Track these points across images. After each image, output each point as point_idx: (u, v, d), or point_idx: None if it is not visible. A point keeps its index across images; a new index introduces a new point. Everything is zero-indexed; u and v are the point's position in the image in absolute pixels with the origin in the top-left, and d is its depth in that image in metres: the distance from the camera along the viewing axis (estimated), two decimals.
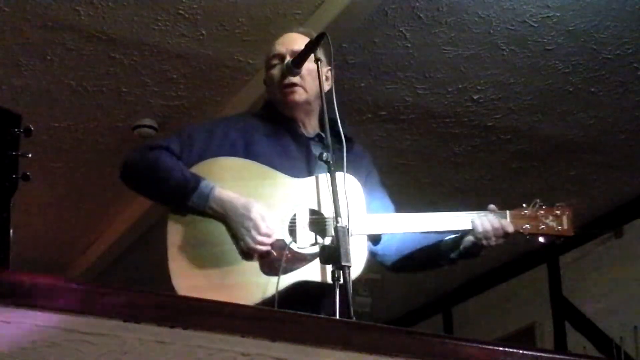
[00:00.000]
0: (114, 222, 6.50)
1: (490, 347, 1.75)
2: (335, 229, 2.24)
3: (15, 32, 4.40)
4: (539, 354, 1.80)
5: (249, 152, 2.53)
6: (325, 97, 2.46)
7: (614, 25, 4.46)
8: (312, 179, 2.50)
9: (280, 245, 2.40)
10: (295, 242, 2.41)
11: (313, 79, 2.57)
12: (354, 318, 2.08)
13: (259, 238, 2.38)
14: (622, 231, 6.20)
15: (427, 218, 2.55)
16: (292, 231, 2.43)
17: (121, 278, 6.96)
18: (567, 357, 2.26)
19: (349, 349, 1.59)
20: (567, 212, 2.63)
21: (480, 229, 2.54)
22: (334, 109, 2.42)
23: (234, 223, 2.40)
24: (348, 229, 2.24)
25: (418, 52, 4.62)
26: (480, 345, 1.75)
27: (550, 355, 1.83)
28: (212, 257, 2.40)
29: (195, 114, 5.15)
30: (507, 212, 2.59)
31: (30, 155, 2.03)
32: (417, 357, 1.64)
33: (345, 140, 2.40)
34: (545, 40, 4.55)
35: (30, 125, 2.05)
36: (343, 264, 2.17)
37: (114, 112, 5.17)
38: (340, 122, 2.39)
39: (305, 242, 2.42)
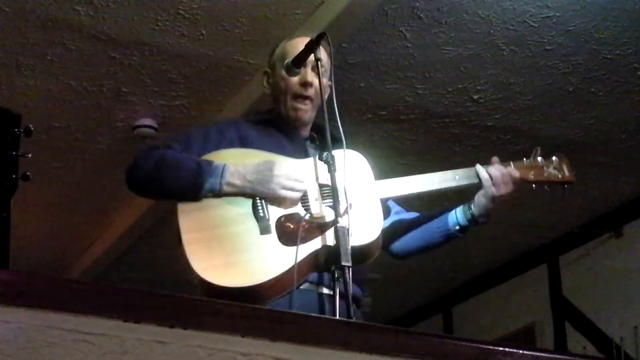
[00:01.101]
0: (114, 222, 6.49)
1: (490, 347, 1.75)
2: (335, 229, 2.25)
3: (15, 32, 4.40)
4: (539, 354, 1.80)
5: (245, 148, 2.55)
6: (324, 103, 2.48)
7: (614, 25, 4.46)
8: (314, 159, 2.53)
9: (296, 218, 2.41)
10: (311, 214, 2.43)
11: (318, 94, 2.59)
12: (354, 318, 2.08)
13: (293, 184, 2.41)
14: (622, 231, 6.20)
15: (435, 177, 2.58)
16: (305, 205, 2.45)
17: (121, 278, 6.96)
18: (567, 357, 2.27)
19: (349, 349, 1.59)
20: (566, 160, 2.69)
21: (486, 176, 2.56)
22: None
23: (260, 186, 2.41)
24: (348, 229, 2.24)
25: (418, 52, 4.62)
26: (480, 345, 1.75)
27: (550, 355, 1.83)
28: (228, 236, 2.39)
29: (195, 114, 5.15)
30: (511, 162, 2.64)
31: (30, 155, 2.04)
32: (417, 357, 1.64)
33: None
34: (545, 40, 4.55)
35: (30, 125, 2.05)
36: (343, 264, 2.17)
37: (114, 112, 5.17)
38: (336, 124, 2.39)
39: (320, 213, 2.43)
